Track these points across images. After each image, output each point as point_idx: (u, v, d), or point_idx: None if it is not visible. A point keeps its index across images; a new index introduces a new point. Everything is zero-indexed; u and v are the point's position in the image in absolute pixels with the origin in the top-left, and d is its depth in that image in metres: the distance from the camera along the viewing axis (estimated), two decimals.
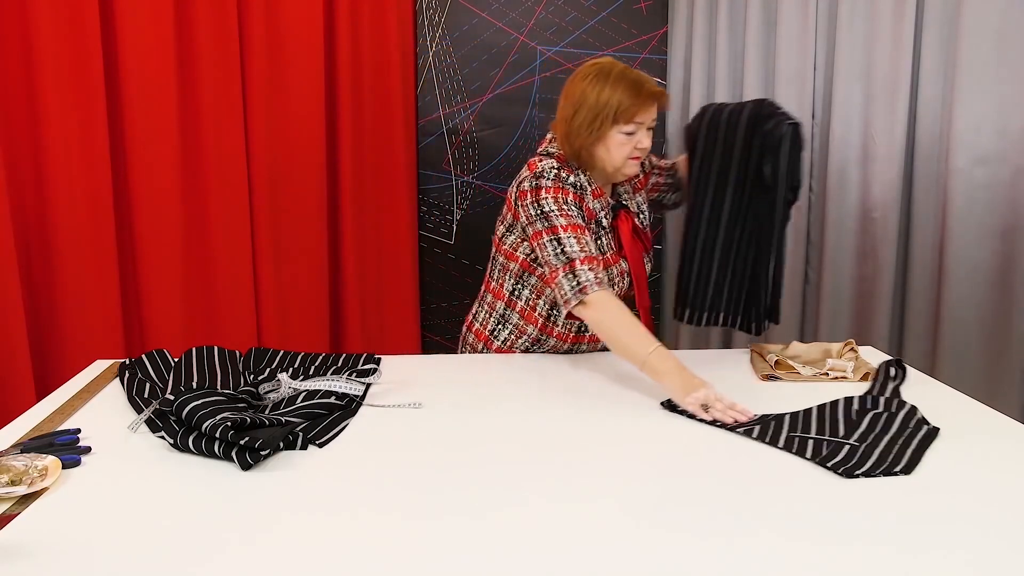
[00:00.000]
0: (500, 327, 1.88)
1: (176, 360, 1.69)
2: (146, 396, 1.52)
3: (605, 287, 1.62)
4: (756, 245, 1.81)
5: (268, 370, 1.68)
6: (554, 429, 1.40)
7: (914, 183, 2.72)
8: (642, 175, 1.91)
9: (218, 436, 1.23)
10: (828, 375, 1.67)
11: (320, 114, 2.78)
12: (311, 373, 1.66)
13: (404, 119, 2.91)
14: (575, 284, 1.62)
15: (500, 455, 1.28)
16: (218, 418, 1.25)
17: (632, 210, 1.86)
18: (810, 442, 1.31)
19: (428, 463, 1.25)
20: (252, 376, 1.63)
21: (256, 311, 2.78)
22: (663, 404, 1.50)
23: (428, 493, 1.14)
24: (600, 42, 2.94)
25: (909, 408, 1.45)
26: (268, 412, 1.42)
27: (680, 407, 1.47)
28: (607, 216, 1.79)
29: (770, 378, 1.68)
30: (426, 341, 3.11)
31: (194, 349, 1.69)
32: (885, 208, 2.71)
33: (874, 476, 1.18)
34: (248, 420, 1.28)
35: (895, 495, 1.12)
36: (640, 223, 1.87)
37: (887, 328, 2.75)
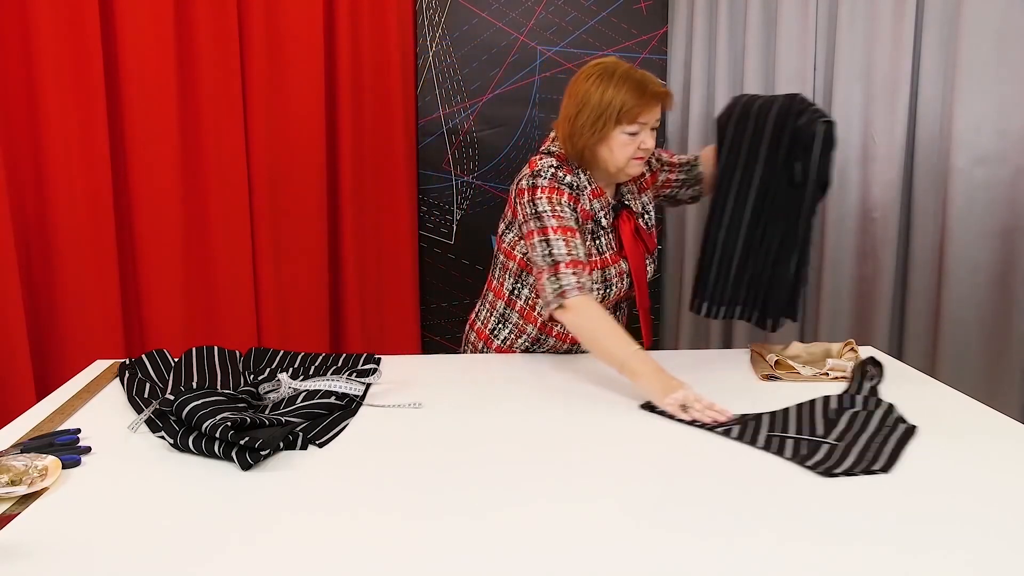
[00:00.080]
0: (500, 326, 1.88)
1: (176, 360, 1.69)
2: (146, 396, 1.52)
3: (586, 293, 1.62)
4: (779, 241, 1.77)
5: (268, 370, 1.68)
6: (554, 429, 1.40)
7: (914, 183, 2.72)
8: (648, 174, 1.90)
9: (218, 436, 1.23)
10: (828, 375, 1.67)
11: (320, 114, 2.78)
12: (311, 373, 1.66)
13: (404, 119, 2.91)
14: (556, 287, 1.63)
15: (500, 455, 1.28)
16: (218, 418, 1.25)
17: (635, 210, 1.84)
18: (789, 442, 1.32)
19: (428, 463, 1.25)
20: (252, 376, 1.63)
21: (256, 311, 2.78)
22: (642, 406, 1.51)
23: (428, 493, 1.14)
24: (600, 42, 2.94)
25: (887, 407, 1.46)
26: (268, 412, 1.42)
27: (659, 408, 1.47)
28: (607, 216, 1.79)
29: (770, 378, 1.68)
30: (426, 341, 3.11)
31: (194, 349, 1.69)
32: (885, 208, 2.71)
33: (854, 475, 1.19)
34: (248, 420, 1.28)
35: (895, 495, 1.12)
36: (644, 224, 1.86)
37: (887, 328, 2.75)
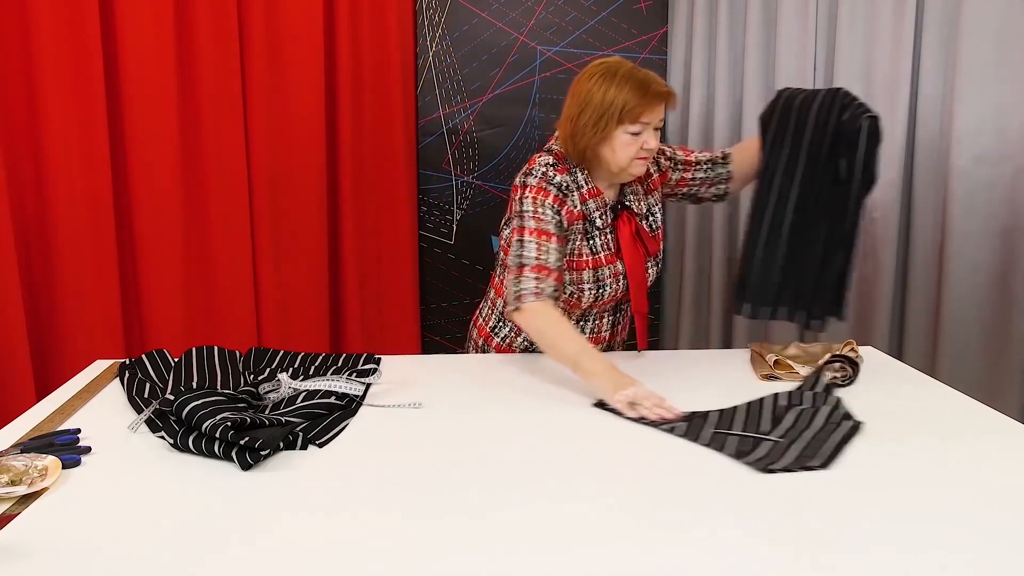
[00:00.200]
0: (501, 324, 1.88)
1: (176, 360, 1.69)
2: (146, 396, 1.52)
3: (544, 299, 1.63)
4: (824, 239, 1.73)
5: (268, 370, 1.68)
6: (554, 429, 1.40)
7: (914, 183, 2.72)
8: (657, 174, 1.87)
9: (218, 436, 1.23)
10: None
11: (320, 114, 2.78)
12: (311, 373, 1.66)
13: (404, 119, 2.91)
14: (516, 290, 1.65)
15: (500, 455, 1.28)
16: (218, 418, 1.25)
17: (637, 212, 1.81)
18: (732, 439, 1.33)
19: (428, 463, 1.25)
20: (252, 376, 1.63)
21: (256, 311, 2.78)
22: (595, 404, 1.52)
23: (428, 493, 1.14)
24: (600, 42, 2.94)
25: (834, 403, 1.46)
26: (268, 412, 1.42)
27: (610, 405, 1.49)
28: (603, 216, 1.77)
29: (770, 378, 1.68)
30: (426, 341, 3.11)
31: (194, 349, 1.69)
32: (885, 208, 2.71)
33: (792, 471, 1.19)
34: (248, 420, 1.28)
35: (895, 495, 1.12)
36: (649, 226, 1.83)
37: (887, 328, 2.75)
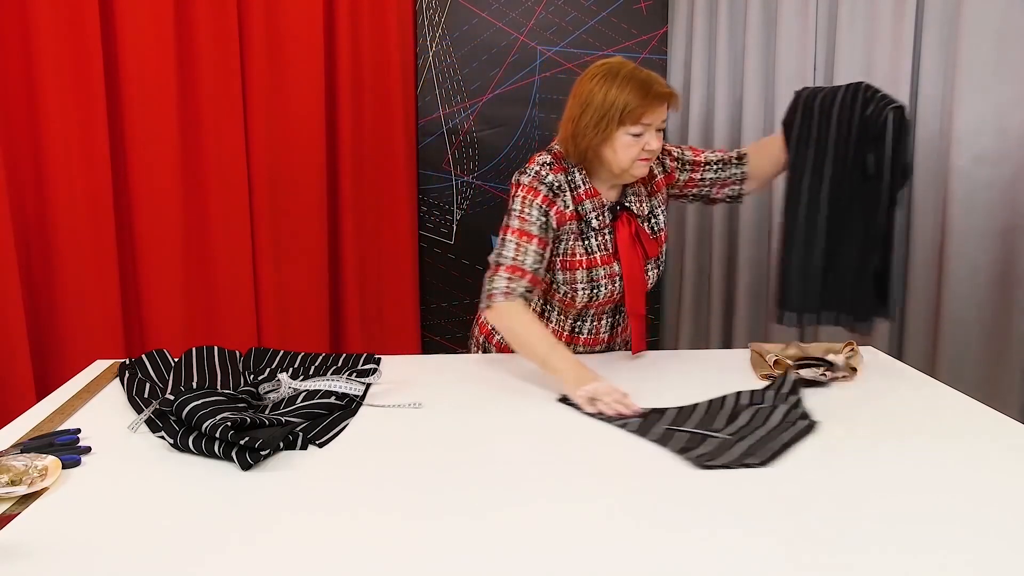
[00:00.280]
0: None
1: (176, 360, 1.69)
2: (146, 396, 1.52)
3: (513, 299, 1.65)
4: (861, 238, 1.68)
5: (268, 370, 1.68)
6: (554, 429, 1.40)
7: (914, 183, 2.71)
8: (662, 175, 1.84)
9: (218, 436, 1.23)
10: (827, 375, 1.67)
11: (320, 114, 2.78)
12: (311, 373, 1.66)
13: (404, 119, 2.91)
14: (488, 288, 1.67)
15: (500, 455, 1.28)
16: (218, 418, 1.25)
17: (638, 213, 1.79)
18: (679, 435, 1.34)
19: (428, 463, 1.25)
20: (252, 376, 1.63)
21: (256, 311, 2.79)
22: (560, 399, 1.54)
23: (428, 493, 1.14)
24: (600, 42, 2.94)
25: (793, 403, 1.45)
26: (268, 412, 1.42)
27: (572, 400, 1.51)
28: (600, 217, 1.75)
29: (769, 378, 1.68)
30: (426, 341, 3.11)
31: (194, 349, 1.69)
32: None
33: (731, 468, 1.20)
34: (248, 420, 1.28)
35: (895, 495, 1.12)
36: (651, 228, 1.81)
37: (887, 328, 2.75)
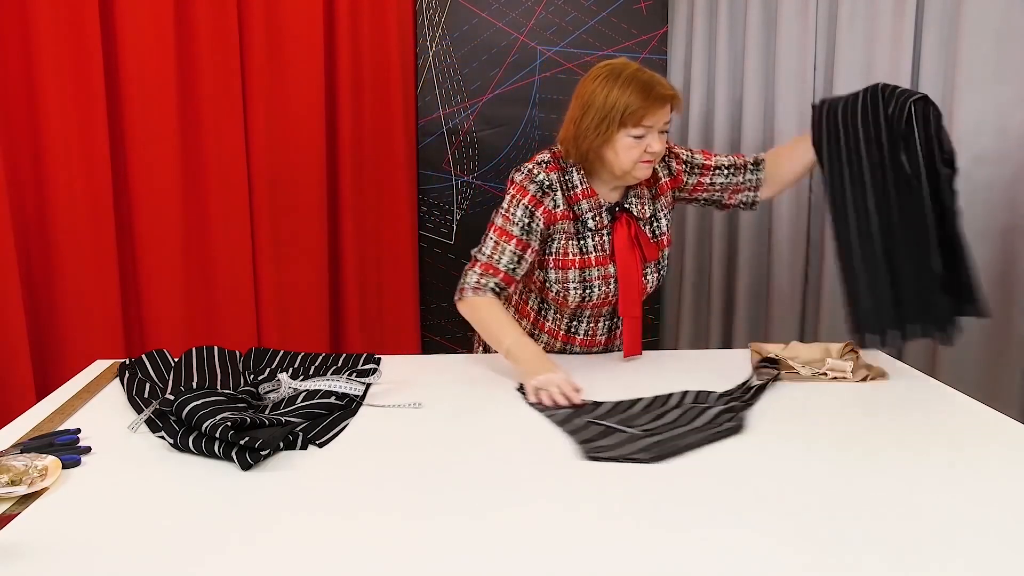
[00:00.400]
0: None
1: (176, 360, 1.69)
2: (146, 396, 1.52)
3: (484, 293, 1.70)
4: (919, 241, 1.60)
5: (268, 370, 1.68)
6: (554, 429, 1.39)
7: None
8: (667, 178, 1.81)
9: (218, 436, 1.23)
10: (827, 375, 1.67)
11: (320, 114, 2.78)
12: (311, 373, 1.66)
13: (404, 119, 2.91)
14: (462, 281, 1.73)
15: (500, 455, 1.28)
16: (218, 418, 1.25)
17: (638, 216, 1.78)
18: (593, 427, 1.37)
19: (428, 463, 1.25)
20: (252, 376, 1.63)
21: (256, 311, 2.78)
22: (517, 388, 1.60)
23: (428, 493, 1.14)
24: (600, 42, 2.94)
25: (732, 406, 1.44)
26: (268, 412, 1.42)
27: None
28: (597, 217, 1.74)
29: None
30: (426, 341, 3.11)
31: (194, 349, 1.69)
32: None
33: (617, 461, 1.23)
34: (248, 420, 1.28)
35: (895, 495, 1.12)
36: (652, 231, 1.80)
37: None
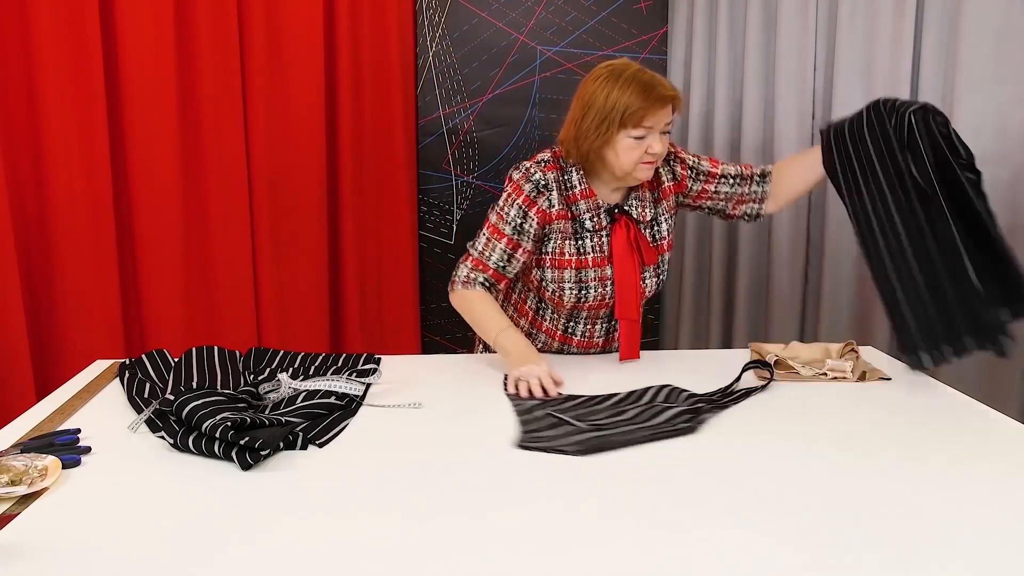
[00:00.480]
0: None
1: (176, 360, 1.69)
2: (146, 396, 1.52)
3: (473, 287, 1.75)
4: (950, 251, 1.54)
5: (268, 370, 1.68)
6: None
7: None
8: (671, 182, 1.80)
9: (218, 436, 1.23)
10: (827, 375, 1.67)
11: (320, 114, 2.78)
12: (311, 373, 1.66)
13: (404, 119, 2.91)
14: (454, 273, 1.78)
15: (500, 455, 1.28)
16: (218, 418, 1.25)
17: (638, 219, 1.76)
18: (547, 418, 1.41)
19: (428, 463, 1.25)
20: (252, 376, 1.63)
21: (256, 311, 2.78)
22: (504, 381, 1.64)
23: (428, 493, 1.14)
24: (600, 42, 2.94)
25: (695, 407, 1.44)
26: (268, 412, 1.42)
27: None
28: (594, 218, 1.73)
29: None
30: (426, 341, 3.11)
31: (194, 349, 1.69)
32: None
33: (546, 452, 1.28)
34: (248, 420, 1.28)
35: (895, 495, 1.12)
36: (652, 235, 1.78)
37: (887, 328, 2.74)
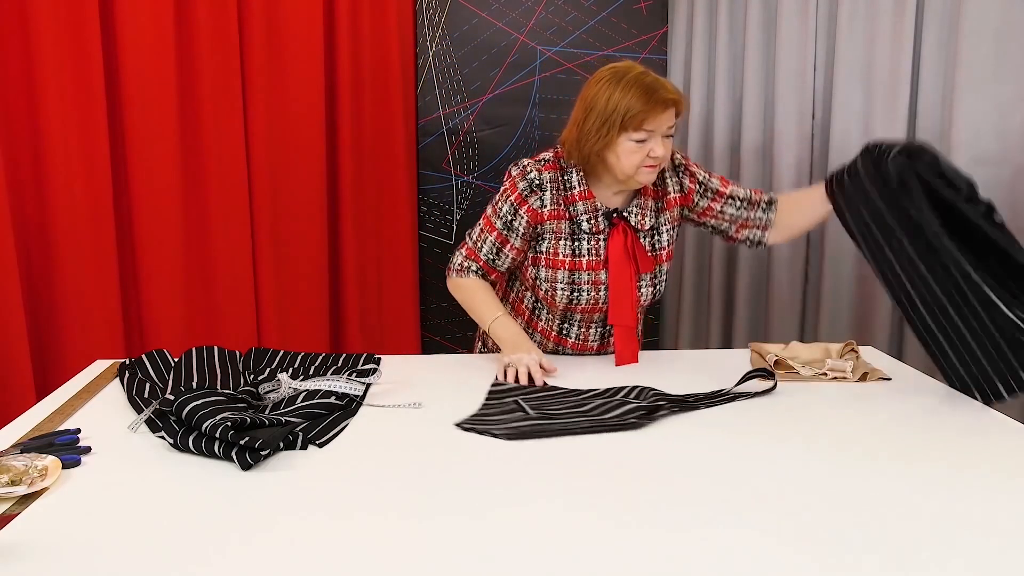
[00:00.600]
0: None
1: (176, 360, 1.69)
2: (146, 396, 1.52)
3: (468, 275, 1.80)
4: (971, 284, 1.50)
5: (268, 370, 1.68)
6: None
7: None
8: (678, 193, 1.79)
9: (218, 436, 1.23)
10: (827, 375, 1.67)
11: (320, 114, 2.78)
12: (311, 373, 1.66)
13: (404, 119, 2.91)
14: (451, 260, 1.83)
15: (500, 455, 1.28)
16: (218, 418, 1.25)
17: (637, 226, 1.75)
18: (506, 404, 1.48)
19: (428, 463, 1.25)
20: (252, 376, 1.63)
21: (256, 311, 2.78)
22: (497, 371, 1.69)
23: (428, 493, 1.14)
24: (600, 42, 2.94)
25: (654, 406, 1.44)
26: (268, 412, 1.42)
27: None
28: (591, 220, 1.73)
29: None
30: (426, 341, 3.11)
31: (194, 349, 1.69)
32: None
33: (479, 434, 1.35)
34: (248, 420, 1.28)
35: (895, 495, 1.12)
36: (651, 243, 1.78)
37: (887, 328, 2.75)
